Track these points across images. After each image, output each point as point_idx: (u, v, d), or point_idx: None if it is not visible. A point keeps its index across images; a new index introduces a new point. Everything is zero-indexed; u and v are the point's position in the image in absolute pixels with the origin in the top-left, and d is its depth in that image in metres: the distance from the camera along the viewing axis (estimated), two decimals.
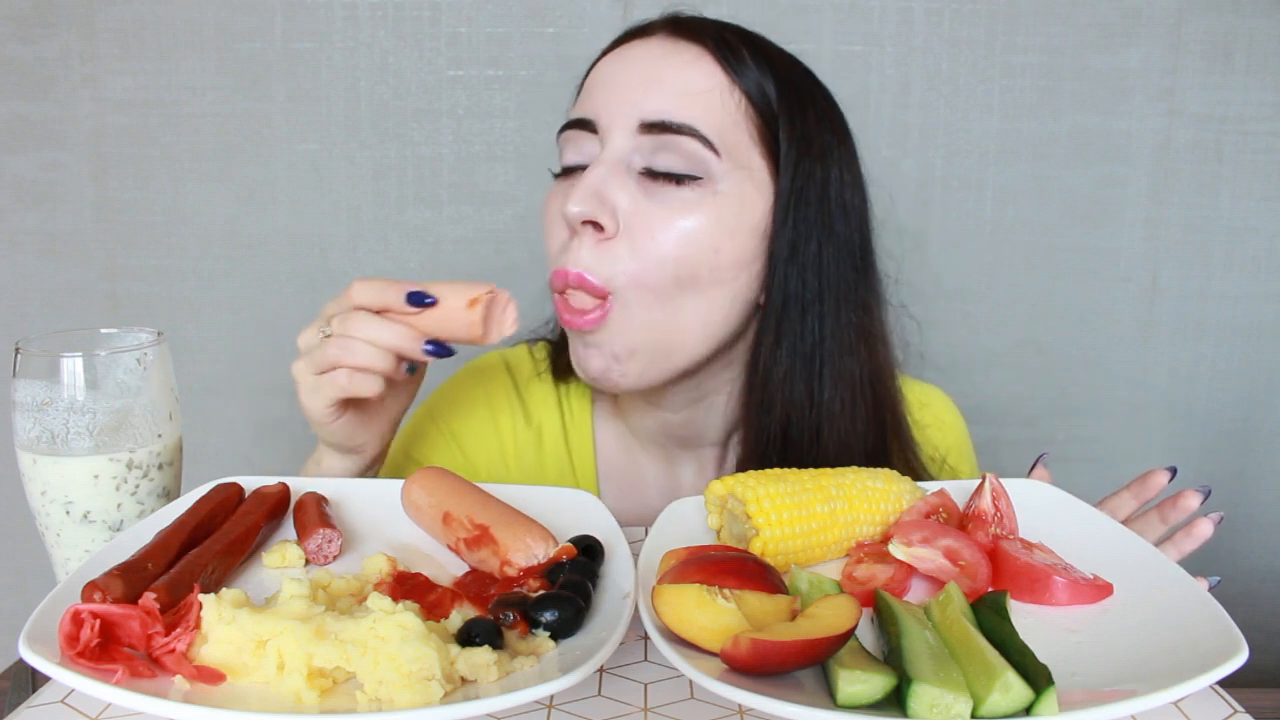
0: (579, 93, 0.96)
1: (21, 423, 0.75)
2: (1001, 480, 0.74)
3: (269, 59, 1.47)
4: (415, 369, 0.83)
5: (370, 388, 0.79)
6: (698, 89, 0.86)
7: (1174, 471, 0.85)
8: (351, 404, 0.83)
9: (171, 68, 1.47)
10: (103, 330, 0.81)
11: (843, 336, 0.91)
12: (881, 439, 0.94)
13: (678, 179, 0.86)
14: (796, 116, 0.89)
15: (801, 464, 0.86)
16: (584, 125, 0.89)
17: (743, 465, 0.95)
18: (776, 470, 0.74)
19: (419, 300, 0.78)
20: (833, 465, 0.88)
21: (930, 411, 1.06)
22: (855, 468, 0.76)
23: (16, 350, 0.75)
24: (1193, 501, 0.83)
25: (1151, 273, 1.50)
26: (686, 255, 0.85)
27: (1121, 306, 1.51)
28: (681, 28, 0.90)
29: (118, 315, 1.54)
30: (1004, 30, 1.44)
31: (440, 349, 0.80)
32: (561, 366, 1.06)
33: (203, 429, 1.54)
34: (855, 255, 0.92)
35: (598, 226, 0.85)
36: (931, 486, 0.78)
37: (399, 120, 1.48)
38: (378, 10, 1.45)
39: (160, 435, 0.78)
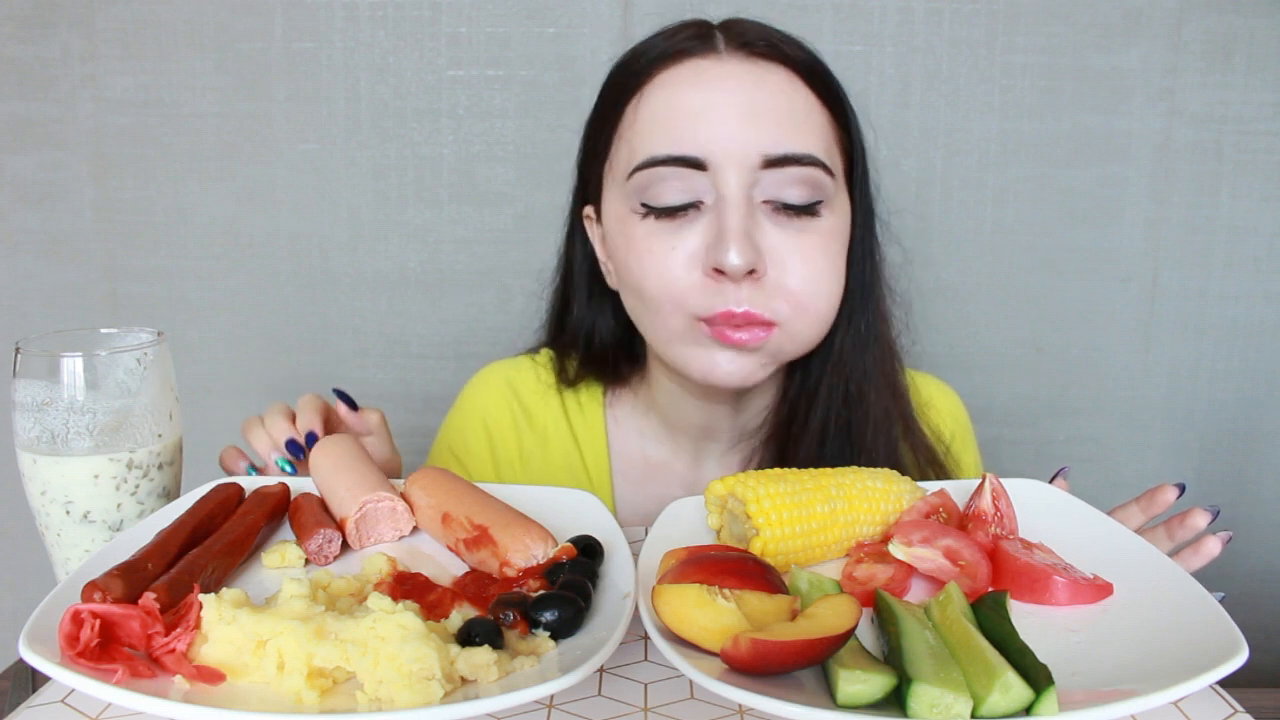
0: (619, 115, 0.92)
1: (21, 423, 0.75)
2: (1001, 480, 0.74)
3: (269, 59, 1.47)
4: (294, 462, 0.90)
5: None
6: (803, 115, 0.89)
7: (1182, 488, 0.85)
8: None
9: (171, 68, 1.47)
10: (103, 330, 0.81)
11: (879, 327, 0.97)
12: (894, 410, 0.99)
13: (810, 209, 0.89)
14: (854, 118, 0.94)
15: (860, 431, 0.95)
16: (687, 163, 0.87)
17: (770, 455, 1.00)
18: (777, 470, 0.74)
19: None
20: (864, 456, 0.94)
21: (930, 397, 1.07)
22: (855, 468, 0.76)
23: (16, 350, 0.75)
24: (1200, 521, 0.82)
25: (1151, 273, 1.50)
26: (826, 271, 0.90)
27: (1121, 306, 1.51)
28: (754, 48, 0.90)
29: (118, 315, 1.54)
30: (1004, 30, 1.44)
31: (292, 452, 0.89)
32: (570, 374, 1.07)
33: (203, 429, 1.54)
34: (878, 245, 0.99)
35: (752, 269, 0.87)
36: (931, 486, 0.78)
37: (399, 120, 1.48)
38: (378, 10, 1.45)
39: (160, 435, 0.78)
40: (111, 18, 1.46)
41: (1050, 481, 0.85)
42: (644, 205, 0.89)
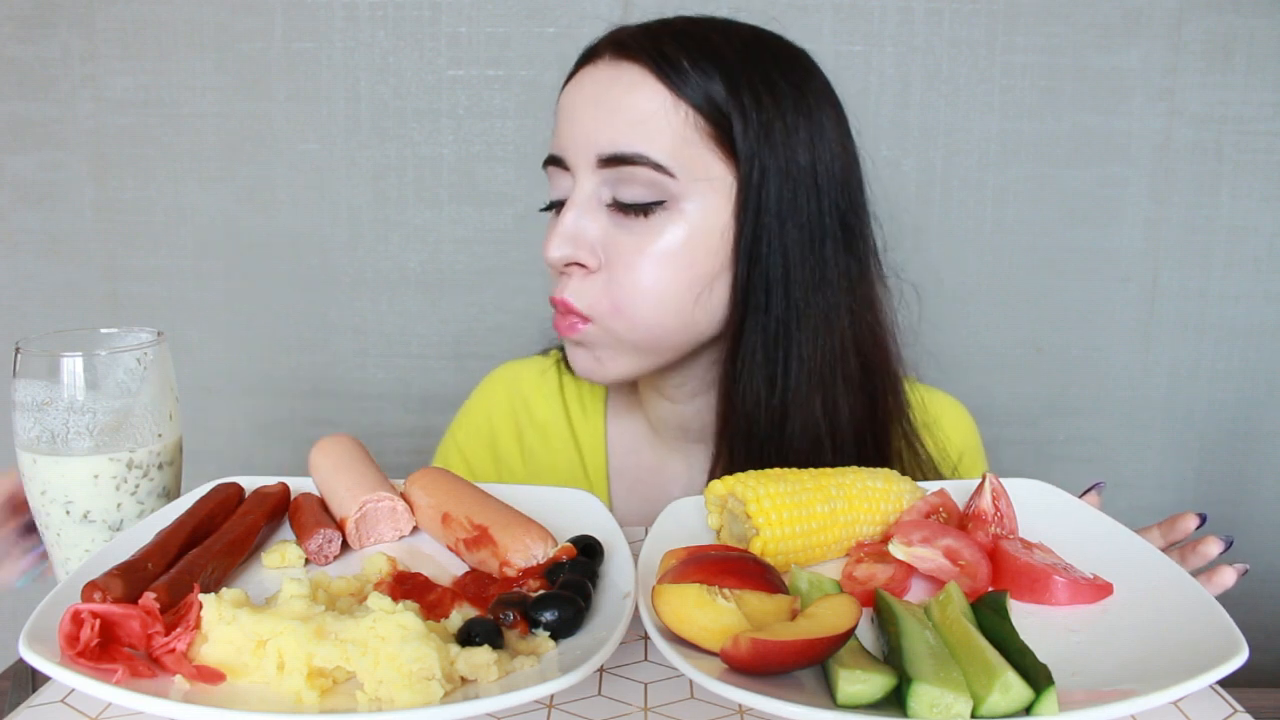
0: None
1: (21, 423, 0.75)
2: (1001, 480, 0.74)
3: (269, 59, 1.47)
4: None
5: None
6: (643, 114, 0.87)
7: (1204, 518, 0.84)
8: None
9: (171, 68, 1.47)
10: (103, 330, 0.81)
11: (813, 320, 0.91)
12: (872, 410, 0.94)
13: (642, 208, 0.88)
14: (750, 110, 0.88)
15: (768, 454, 0.90)
16: (557, 162, 0.93)
17: (716, 461, 0.96)
18: (776, 470, 0.74)
19: None
20: (805, 452, 0.90)
21: (939, 415, 1.05)
22: (855, 467, 0.76)
23: (16, 350, 0.75)
24: (1213, 549, 0.81)
25: (1151, 273, 1.50)
26: (663, 277, 0.89)
27: (1121, 306, 1.51)
28: (622, 48, 0.90)
29: (118, 315, 1.54)
30: (1004, 30, 1.44)
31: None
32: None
33: (203, 429, 1.54)
34: (830, 229, 0.91)
35: (580, 264, 0.90)
36: (931, 486, 0.78)
37: (399, 120, 1.48)
38: (378, 10, 1.45)
39: (160, 435, 0.78)
40: (111, 18, 1.46)
41: (1082, 495, 0.83)
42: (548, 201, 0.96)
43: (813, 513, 0.70)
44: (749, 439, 0.92)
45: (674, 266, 0.89)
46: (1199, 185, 1.47)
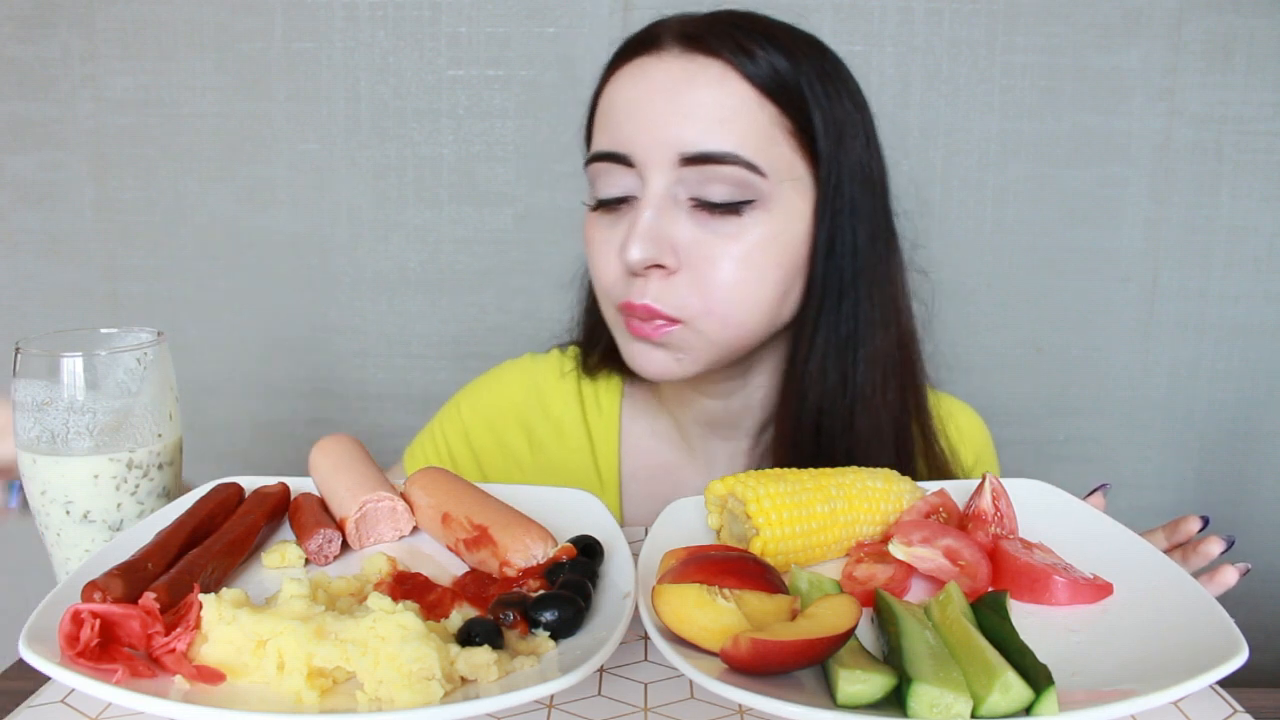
0: (593, 111, 0.95)
1: (21, 423, 0.75)
2: (1001, 480, 0.74)
3: (269, 59, 1.47)
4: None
5: None
6: (729, 111, 0.85)
7: (1206, 521, 0.84)
8: None
9: (171, 68, 1.47)
10: (103, 330, 0.81)
11: (876, 316, 0.93)
12: (904, 406, 0.96)
13: (733, 208, 0.86)
14: (824, 105, 0.89)
15: (835, 449, 0.91)
16: (618, 159, 0.88)
17: (775, 453, 0.97)
18: (776, 470, 0.74)
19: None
20: (865, 447, 0.91)
21: (955, 423, 1.06)
22: (855, 468, 0.76)
23: (16, 350, 0.75)
24: (1214, 549, 0.82)
25: (1151, 273, 1.50)
26: (753, 277, 0.87)
27: (1121, 306, 1.51)
28: (695, 41, 0.87)
29: (118, 315, 1.54)
30: (1004, 30, 1.44)
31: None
32: (591, 365, 1.07)
33: (203, 429, 1.54)
34: (882, 227, 0.94)
35: (660, 265, 0.87)
36: (931, 486, 0.78)
37: (399, 120, 1.48)
38: (378, 10, 1.45)
39: (160, 435, 0.78)
40: (111, 18, 1.46)
41: (1087, 497, 0.83)
42: (594, 198, 0.93)
43: (813, 513, 0.70)
44: (817, 434, 0.93)
45: (764, 266, 0.88)
46: (1199, 185, 1.47)
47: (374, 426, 1.55)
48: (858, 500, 0.72)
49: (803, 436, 0.93)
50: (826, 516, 0.70)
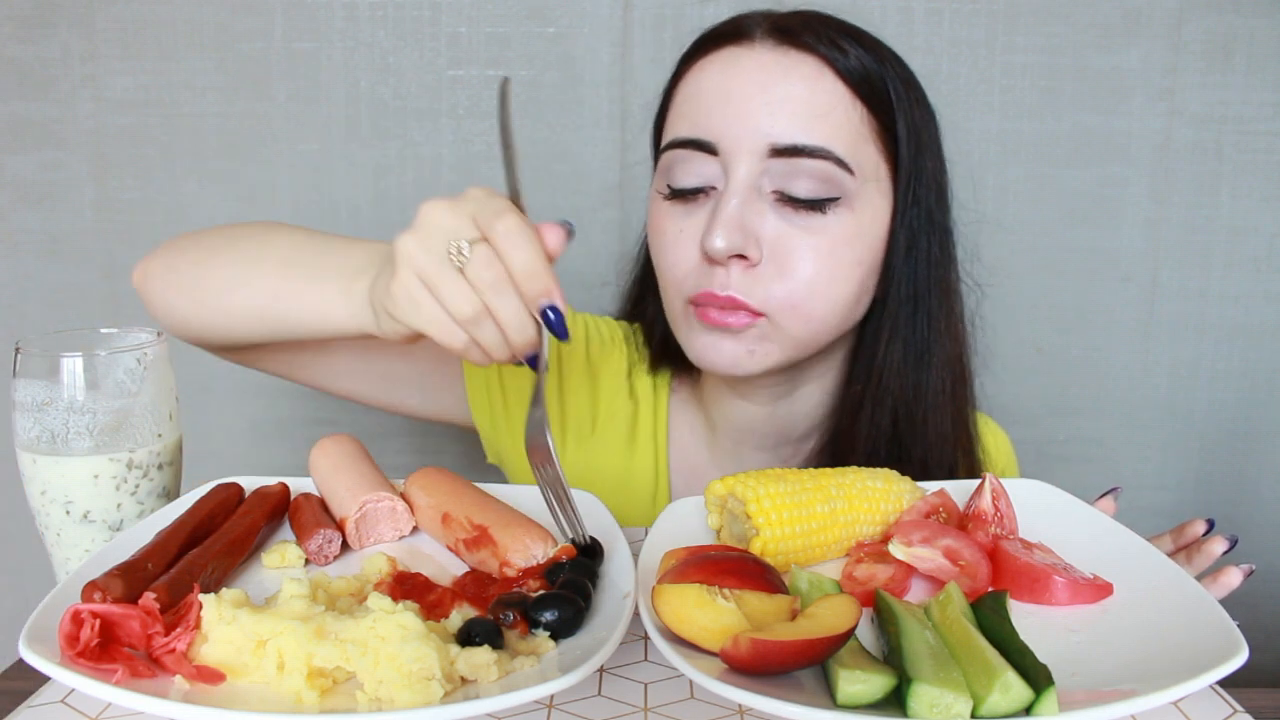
0: (669, 96, 0.93)
1: (21, 423, 0.75)
2: (1001, 480, 0.74)
3: (269, 59, 1.47)
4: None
5: (485, 359, 0.66)
6: (824, 107, 0.85)
7: (1211, 524, 0.84)
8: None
9: (171, 68, 1.47)
10: (103, 330, 0.81)
11: (942, 325, 0.93)
12: (961, 417, 0.97)
13: (819, 204, 0.86)
14: (907, 110, 0.89)
15: (910, 453, 0.91)
16: (701, 147, 0.87)
17: (842, 461, 0.95)
18: (776, 470, 0.74)
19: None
20: (934, 450, 0.92)
21: (981, 444, 1.04)
22: (855, 468, 0.76)
23: (16, 350, 0.75)
24: (1217, 548, 0.82)
25: (1151, 273, 1.50)
26: (837, 276, 0.87)
27: (1121, 306, 1.51)
28: (789, 35, 0.87)
29: (118, 315, 1.54)
30: (1004, 30, 1.43)
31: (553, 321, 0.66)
32: (654, 357, 1.05)
33: (203, 429, 1.54)
34: (950, 238, 0.95)
35: (742, 255, 0.85)
36: (931, 486, 0.78)
37: (399, 120, 1.48)
38: (378, 10, 1.45)
39: (160, 435, 0.78)
40: (111, 18, 1.46)
41: (1097, 501, 0.84)
42: (668, 186, 0.90)
43: (813, 513, 0.70)
44: (892, 440, 0.93)
45: (847, 265, 0.87)
46: (1199, 185, 1.47)
47: (374, 427, 1.55)
48: (858, 500, 0.72)
49: (879, 443, 0.93)
50: (826, 516, 0.70)
